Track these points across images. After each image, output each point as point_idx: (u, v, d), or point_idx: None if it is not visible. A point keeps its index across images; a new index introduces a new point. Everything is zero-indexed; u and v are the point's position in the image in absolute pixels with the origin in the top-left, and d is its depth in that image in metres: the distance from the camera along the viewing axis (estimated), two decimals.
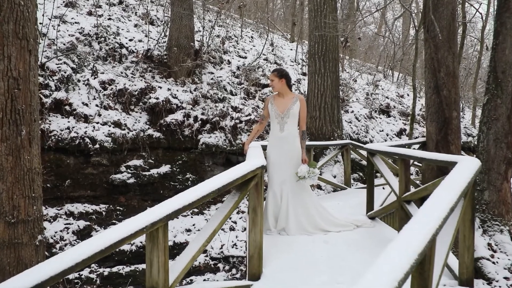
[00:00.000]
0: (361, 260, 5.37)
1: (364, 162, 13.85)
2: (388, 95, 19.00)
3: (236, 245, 10.72)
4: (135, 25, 15.06)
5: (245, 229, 11.16)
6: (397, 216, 8.70)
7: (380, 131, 16.13)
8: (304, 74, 16.78)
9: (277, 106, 6.61)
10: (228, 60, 15.29)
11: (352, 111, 15.82)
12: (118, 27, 14.21)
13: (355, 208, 8.47)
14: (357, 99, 17.10)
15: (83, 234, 10.03)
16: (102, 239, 2.98)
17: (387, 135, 16.11)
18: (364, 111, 16.33)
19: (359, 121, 15.56)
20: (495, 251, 9.51)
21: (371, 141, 15.14)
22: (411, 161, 10.35)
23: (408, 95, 20.71)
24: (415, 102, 13.10)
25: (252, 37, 19.83)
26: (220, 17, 17.27)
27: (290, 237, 6.24)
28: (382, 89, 19.62)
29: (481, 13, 17.87)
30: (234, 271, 10.31)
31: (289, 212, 6.43)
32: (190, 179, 11.83)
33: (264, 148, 6.89)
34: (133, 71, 12.82)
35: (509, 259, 9.13)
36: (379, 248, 5.88)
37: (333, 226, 6.61)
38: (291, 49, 20.14)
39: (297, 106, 6.55)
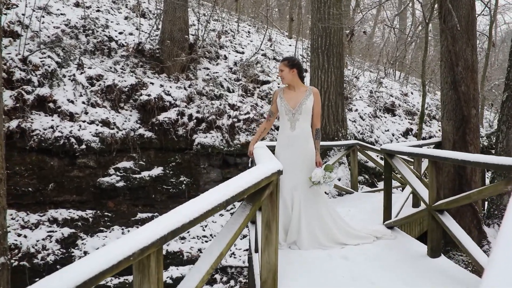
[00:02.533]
0: (391, 281, 4.53)
1: (370, 164, 13.06)
2: (392, 93, 18.25)
3: (235, 254, 9.95)
4: (126, 18, 14.19)
5: (244, 236, 10.38)
6: (416, 225, 7.90)
7: (386, 131, 15.37)
8: (305, 70, 15.95)
9: (287, 101, 5.73)
10: (225, 55, 14.45)
11: (356, 110, 15.03)
12: (107, 19, 13.34)
13: (370, 216, 7.63)
14: (360, 97, 16.31)
15: (67, 243, 9.28)
16: (70, 273, 2.08)
17: (393, 135, 15.36)
18: (369, 109, 15.56)
19: (363, 120, 14.77)
20: None
21: (376, 142, 14.39)
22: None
23: (412, 93, 20.00)
24: (425, 100, 12.28)
25: (249, 32, 19.00)
26: (216, 11, 16.39)
27: (303, 252, 5.37)
28: (385, 87, 18.86)
29: (489, 8, 17.09)
30: (232, 282, 9.55)
31: (301, 223, 5.56)
32: (184, 182, 11.00)
33: (272, 149, 6.00)
34: (123, 66, 11.95)
35: None
36: (406, 265, 5.04)
37: (351, 238, 5.75)
38: (290, 45, 19.32)
39: (310, 101, 5.68)
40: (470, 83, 9.03)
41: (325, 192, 6.46)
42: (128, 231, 9.91)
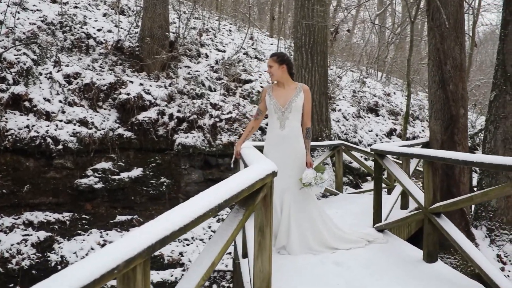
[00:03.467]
0: None
1: (355, 165, 12.87)
2: (375, 93, 18.11)
3: None
4: (104, 14, 13.82)
5: None
6: (404, 227, 7.68)
7: (369, 131, 15.20)
8: None
9: (276, 98, 5.45)
10: (206, 54, 14.15)
11: (340, 110, 14.83)
12: (85, 16, 12.96)
13: (358, 218, 7.38)
14: (343, 97, 16.12)
15: (43, 247, 8.92)
16: None
17: (377, 135, 15.20)
18: (352, 109, 15.38)
19: (347, 120, 14.57)
20: (505, 263, 8.62)
21: (360, 142, 14.21)
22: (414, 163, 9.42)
23: (394, 93, 19.91)
24: (409, 100, 12.12)
25: (230, 30, 18.72)
26: (196, 8, 16.07)
27: (293, 258, 5.10)
28: (368, 86, 18.71)
29: (472, 7, 17.02)
30: (214, 287, 9.25)
31: (291, 227, 5.29)
32: (165, 183, 10.69)
33: (259, 149, 5.72)
34: (101, 63, 11.59)
35: None
36: (402, 271, 4.78)
37: (342, 243, 5.50)
38: (272, 44, 19.09)
39: (300, 98, 5.42)
40: (459, 82, 8.89)
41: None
42: (107, 234, 9.58)
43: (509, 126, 8.89)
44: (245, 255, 5.04)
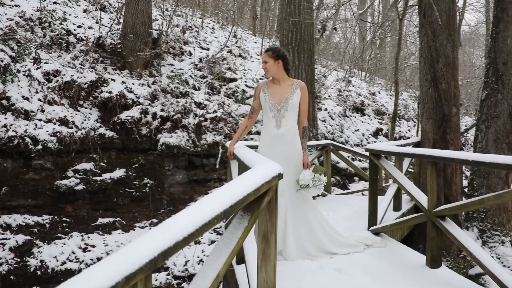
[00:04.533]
0: None
1: (342, 165, 12.66)
2: (360, 92, 17.96)
3: (203, 261, 9.36)
4: (85, 11, 13.41)
5: (212, 242, 9.82)
6: (397, 229, 7.46)
7: (356, 130, 15.02)
8: None
9: (272, 96, 5.17)
10: (190, 52, 13.83)
11: (326, 109, 14.61)
12: (65, 12, 12.55)
13: (352, 221, 7.15)
14: (329, 96, 15.91)
15: (22, 251, 8.59)
16: None
17: (363, 135, 15.03)
18: (338, 108, 15.18)
19: (333, 119, 14.36)
20: None
21: (347, 142, 14.02)
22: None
23: (379, 92, 19.78)
24: (397, 99, 11.96)
25: (213, 28, 18.41)
26: (179, 6, 15.73)
27: (290, 264, 4.83)
28: (353, 86, 18.55)
29: (458, 6, 16.90)
30: None
31: (287, 231, 5.02)
32: (148, 184, 10.39)
33: (253, 149, 5.43)
34: (82, 61, 11.22)
35: None
36: (407, 277, 4.53)
37: (341, 247, 5.24)
38: (256, 42, 18.82)
39: (297, 95, 5.15)
40: (451, 80, 8.74)
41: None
42: (89, 237, 9.25)
43: (501, 126, 8.75)
44: (240, 261, 4.75)
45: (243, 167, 4.04)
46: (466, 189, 9.68)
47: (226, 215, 2.48)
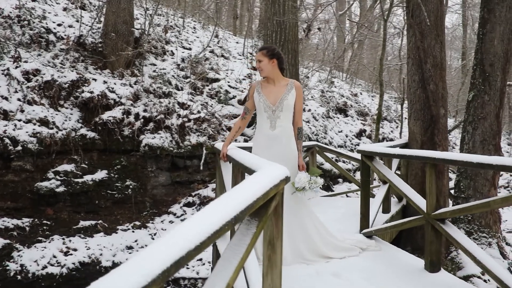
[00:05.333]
0: None
1: (326, 166, 12.58)
2: (343, 93, 17.92)
3: (187, 264, 9.20)
4: (64, 9, 13.13)
5: None
6: (386, 232, 7.38)
7: (339, 131, 14.96)
8: (254, 68, 15.29)
9: (266, 96, 5.02)
10: (172, 51, 13.63)
11: (309, 110, 14.51)
12: (44, 10, 12.27)
13: (343, 223, 7.02)
14: (312, 97, 15.82)
15: (1, 255, 8.39)
16: None
17: (346, 136, 14.98)
18: (321, 109, 15.10)
19: (317, 120, 14.27)
20: None
21: (330, 143, 13.93)
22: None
23: (361, 93, 19.78)
24: (382, 100, 11.91)
25: (194, 27, 18.21)
26: (160, 6, 15.51)
27: (286, 269, 4.65)
28: (335, 86, 18.52)
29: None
30: None
31: (283, 235, 4.88)
32: (131, 186, 10.19)
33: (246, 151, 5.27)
34: (62, 60, 10.97)
35: None
36: (407, 282, 4.42)
37: (336, 251, 5.12)
38: (237, 42, 18.66)
39: (292, 96, 5.01)
40: (439, 81, 8.70)
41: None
42: (70, 240, 9.03)
43: (487, 127, 8.71)
44: None
45: (244, 169, 3.88)
46: (451, 191, 9.64)
47: (236, 221, 2.33)
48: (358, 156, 7.38)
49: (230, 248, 2.60)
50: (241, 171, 4.60)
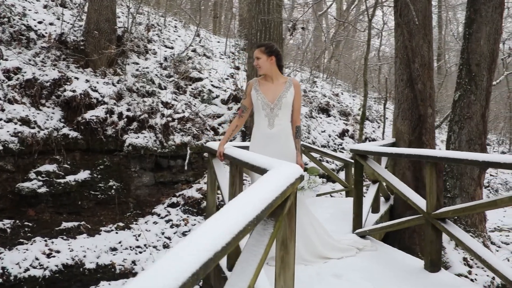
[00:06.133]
0: None
1: (311, 165, 12.50)
2: (325, 93, 17.91)
3: None
4: (45, 6, 12.88)
5: None
6: (378, 233, 7.35)
7: (322, 131, 14.92)
8: (237, 68, 15.22)
9: (264, 94, 4.93)
10: (154, 50, 13.47)
11: None
12: (24, 7, 12.01)
13: (335, 223, 6.95)
14: None
15: None
16: None
17: (329, 136, 14.95)
18: (304, 109, 15.07)
19: (300, 120, 14.20)
20: (471, 267, 8.44)
21: (314, 143, 13.89)
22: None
23: (342, 93, 19.80)
24: (366, 100, 11.90)
25: (176, 26, 18.04)
26: (141, 4, 15.32)
27: None
28: (317, 86, 18.50)
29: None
30: None
31: None
32: (114, 187, 10.02)
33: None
34: (43, 58, 10.75)
35: (487, 275, 8.13)
36: (408, 282, 4.40)
37: (334, 251, 5.06)
38: (218, 42, 18.55)
39: (291, 93, 4.93)
40: (427, 80, 8.72)
41: None
42: (52, 242, 8.81)
43: (474, 127, 8.76)
44: (230, 268, 4.49)
45: (251, 168, 3.76)
46: None
47: (258, 221, 2.25)
48: (344, 156, 7.37)
49: (247, 249, 2.51)
50: (239, 171, 4.50)
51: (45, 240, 8.83)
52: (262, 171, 3.27)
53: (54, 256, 8.56)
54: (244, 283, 2.28)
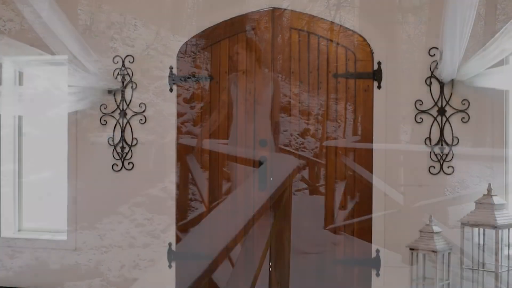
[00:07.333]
0: None
1: None
2: (285, 92, 18.03)
3: (139, 266, 9.00)
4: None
5: (147, 245, 9.49)
6: None
7: (284, 131, 15.03)
8: (197, 67, 15.21)
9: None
10: (116, 48, 13.37)
11: None
12: None
13: None
14: None
15: None
16: None
17: (291, 135, 15.07)
18: None
19: None
20: None
21: None
22: None
23: (302, 93, 19.99)
24: (328, 99, 12.05)
25: (135, 25, 17.90)
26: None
27: None
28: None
29: None
30: None
31: None
32: None
33: None
34: None
35: None
36: None
37: None
38: (179, 41, 18.49)
39: None
40: None
41: None
42: None
43: None
44: None
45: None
46: None
47: None
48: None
49: None
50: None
51: None
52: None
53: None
54: None
